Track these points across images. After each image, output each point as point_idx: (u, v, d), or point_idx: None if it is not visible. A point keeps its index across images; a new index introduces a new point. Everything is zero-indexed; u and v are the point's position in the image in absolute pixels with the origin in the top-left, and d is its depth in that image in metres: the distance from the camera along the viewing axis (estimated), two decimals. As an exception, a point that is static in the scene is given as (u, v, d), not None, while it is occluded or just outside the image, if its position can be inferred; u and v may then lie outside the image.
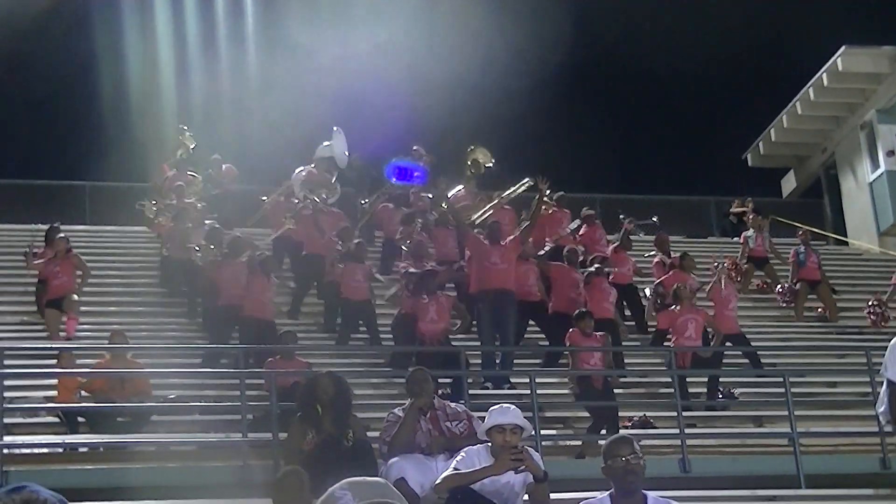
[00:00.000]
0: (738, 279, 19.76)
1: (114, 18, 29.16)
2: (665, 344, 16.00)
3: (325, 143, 20.66)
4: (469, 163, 19.55)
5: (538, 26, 29.89)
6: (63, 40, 29.98)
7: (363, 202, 20.93)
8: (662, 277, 17.78)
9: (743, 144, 30.04)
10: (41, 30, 27.32)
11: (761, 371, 16.02)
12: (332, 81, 28.23)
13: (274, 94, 27.89)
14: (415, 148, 21.43)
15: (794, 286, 20.01)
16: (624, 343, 16.72)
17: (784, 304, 20.03)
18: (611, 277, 17.12)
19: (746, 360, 16.43)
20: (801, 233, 21.43)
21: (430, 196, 20.04)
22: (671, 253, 19.31)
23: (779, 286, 20.25)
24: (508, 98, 30.02)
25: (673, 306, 15.84)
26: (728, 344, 16.13)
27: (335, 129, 20.89)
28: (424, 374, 9.78)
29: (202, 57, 28.97)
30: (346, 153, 20.57)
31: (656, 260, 19.44)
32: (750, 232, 21.47)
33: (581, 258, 17.42)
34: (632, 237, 19.15)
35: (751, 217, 22.24)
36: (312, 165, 20.15)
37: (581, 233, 19.45)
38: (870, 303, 19.38)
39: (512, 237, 16.00)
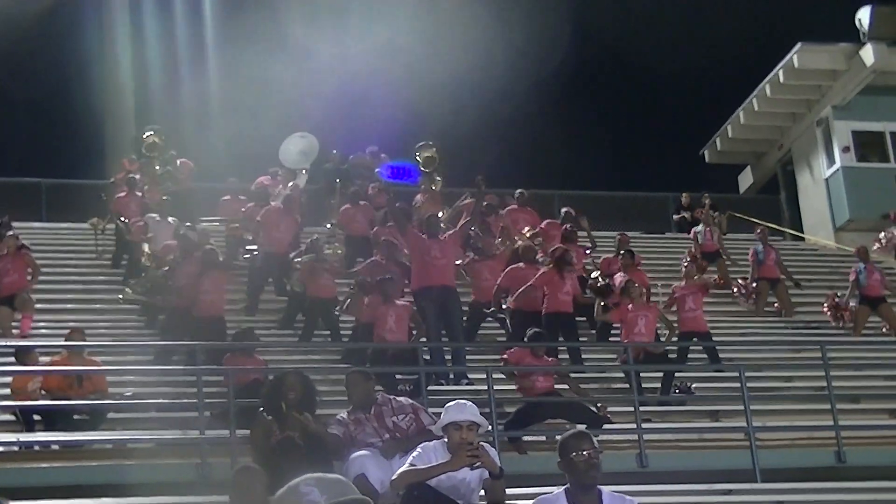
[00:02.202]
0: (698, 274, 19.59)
1: (103, 17, 29.00)
2: (612, 340, 16.00)
3: (285, 151, 20.76)
4: (421, 161, 19.43)
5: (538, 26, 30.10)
6: (28, 39, 29.76)
7: (332, 200, 20.90)
8: (615, 276, 17.50)
9: (700, 141, 30.25)
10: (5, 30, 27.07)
11: (717, 366, 16.01)
12: (332, 81, 28.23)
13: (274, 94, 27.84)
14: (370, 149, 21.45)
15: (752, 285, 20.06)
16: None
17: (747, 302, 20.06)
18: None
19: (704, 356, 16.41)
20: (759, 231, 21.51)
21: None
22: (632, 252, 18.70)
23: (736, 288, 20.27)
24: (508, 98, 30.17)
25: (623, 304, 15.57)
26: (674, 339, 15.96)
27: (299, 134, 20.95)
28: (354, 378, 9.75)
29: (200, 57, 28.86)
30: (303, 152, 20.67)
31: (606, 257, 19.21)
32: (699, 227, 21.55)
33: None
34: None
35: (704, 212, 22.28)
36: (279, 175, 20.16)
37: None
38: (826, 306, 19.39)
39: (451, 231, 15.72)
